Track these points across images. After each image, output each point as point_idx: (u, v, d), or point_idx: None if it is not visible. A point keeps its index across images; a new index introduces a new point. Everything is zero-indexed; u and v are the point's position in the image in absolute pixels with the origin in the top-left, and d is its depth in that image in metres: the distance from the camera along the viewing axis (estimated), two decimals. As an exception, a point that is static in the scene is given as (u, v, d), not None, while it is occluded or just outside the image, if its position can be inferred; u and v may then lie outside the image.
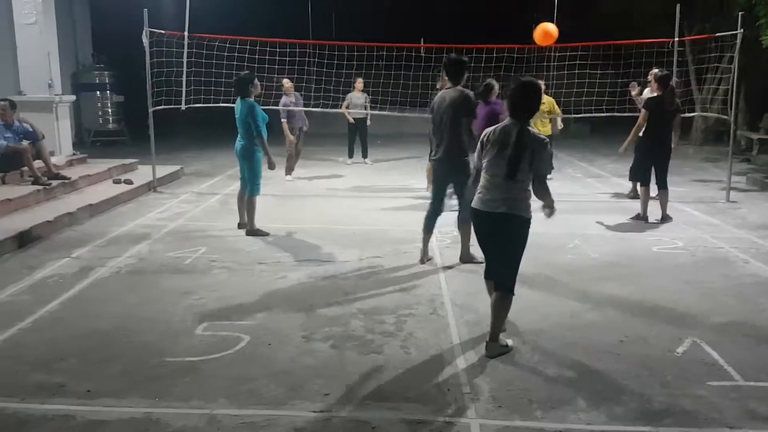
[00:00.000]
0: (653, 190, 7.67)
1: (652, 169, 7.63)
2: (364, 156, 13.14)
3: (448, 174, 5.82)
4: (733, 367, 3.75)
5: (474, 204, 4.05)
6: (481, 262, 4.79)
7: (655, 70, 8.35)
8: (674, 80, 7.81)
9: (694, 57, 14.90)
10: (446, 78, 5.95)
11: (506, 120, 3.99)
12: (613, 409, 3.29)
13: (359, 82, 12.53)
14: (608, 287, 5.27)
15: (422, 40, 12.66)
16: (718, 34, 9.83)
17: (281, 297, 4.99)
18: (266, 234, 6.98)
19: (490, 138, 3.98)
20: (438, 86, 7.20)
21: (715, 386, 3.54)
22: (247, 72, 7.36)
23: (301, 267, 5.80)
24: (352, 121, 12.63)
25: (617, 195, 9.63)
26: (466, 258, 5.93)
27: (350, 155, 13.12)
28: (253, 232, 7.00)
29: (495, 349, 3.96)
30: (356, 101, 12.53)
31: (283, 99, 10.61)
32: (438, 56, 11.34)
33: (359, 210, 8.51)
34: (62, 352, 3.98)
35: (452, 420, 3.20)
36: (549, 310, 4.74)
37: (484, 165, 4.01)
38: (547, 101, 9.94)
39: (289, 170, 10.83)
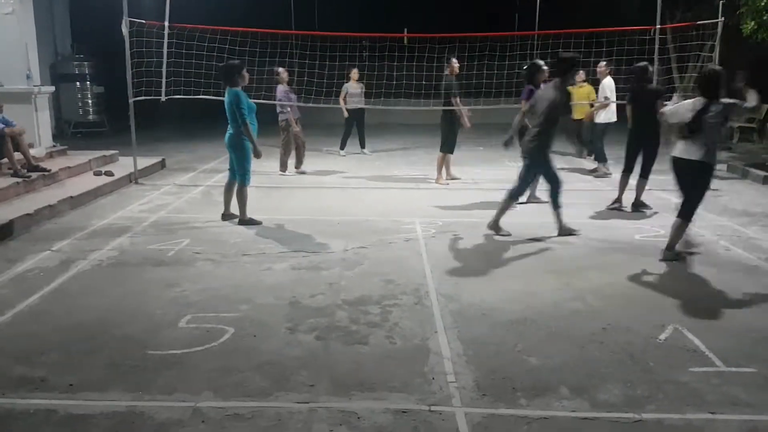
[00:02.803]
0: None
1: (638, 157, 7.67)
2: (362, 146, 13.06)
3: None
4: (715, 354, 3.80)
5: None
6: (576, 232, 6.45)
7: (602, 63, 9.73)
8: (650, 67, 7.82)
9: (675, 45, 14.99)
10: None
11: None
12: (596, 397, 3.32)
13: (354, 73, 12.40)
14: (590, 276, 5.30)
15: (405, 30, 12.62)
16: (699, 23, 9.89)
17: (266, 288, 4.97)
18: (259, 223, 6.96)
19: None
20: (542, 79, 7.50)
21: (697, 372, 3.58)
22: (235, 61, 7.27)
23: (286, 258, 5.78)
24: (346, 114, 12.54)
25: (599, 183, 9.69)
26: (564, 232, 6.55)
27: (342, 147, 12.95)
28: (245, 221, 6.97)
29: (668, 255, 5.61)
30: (353, 92, 12.42)
31: (281, 88, 10.22)
32: (421, 46, 11.34)
33: (345, 201, 8.50)
34: (44, 346, 3.94)
35: (437, 409, 3.21)
36: (532, 299, 4.76)
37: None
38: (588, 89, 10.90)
39: (283, 166, 10.56)
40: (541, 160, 6.47)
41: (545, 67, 7.70)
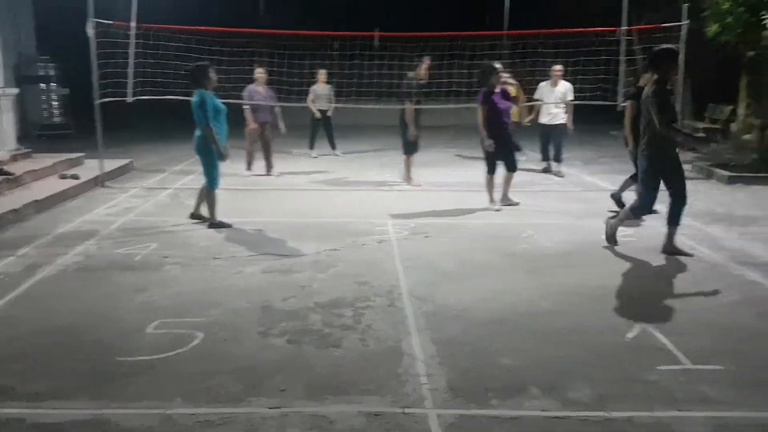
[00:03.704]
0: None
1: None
2: (333, 147, 13.05)
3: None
4: (682, 352, 3.86)
5: None
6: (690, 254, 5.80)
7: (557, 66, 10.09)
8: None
9: (641, 47, 15.25)
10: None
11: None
12: (566, 395, 3.35)
13: (322, 74, 12.43)
14: (562, 275, 5.36)
15: (377, 29, 12.62)
16: (664, 25, 10.08)
17: (236, 292, 4.92)
18: (229, 226, 6.89)
19: None
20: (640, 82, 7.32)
21: (665, 370, 3.64)
22: (203, 62, 7.20)
23: (258, 261, 5.73)
24: (318, 115, 12.52)
25: (570, 184, 9.82)
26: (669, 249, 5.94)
27: (311, 146, 12.95)
28: (214, 224, 6.89)
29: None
30: (321, 93, 12.44)
31: (250, 86, 10.28)
32: (392, 45, 11.35)
33: (317, 203, 8.47)
34: (9, 354, 3.84)
35: (410, 411, 3.21)
36: (505, 299, 4.79)
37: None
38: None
39: (249, 165, 10.58)
40: (646, 170, 5.78)
41: (500, 68, 7.73)
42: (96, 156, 9.65)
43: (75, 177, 9.22)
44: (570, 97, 10.44)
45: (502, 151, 7.78)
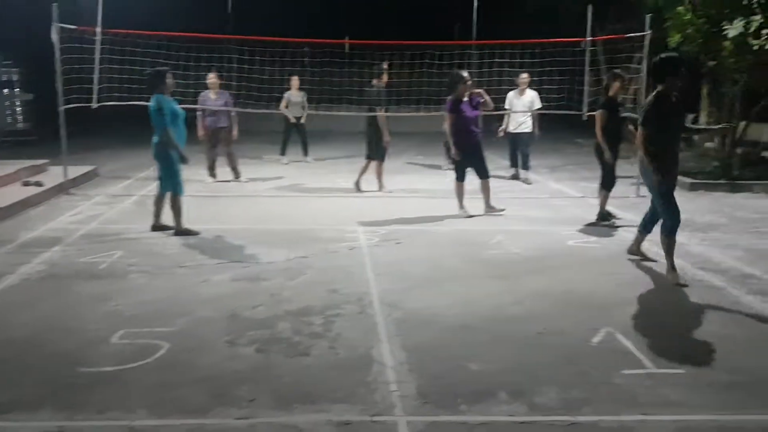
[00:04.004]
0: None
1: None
2: (305, 154, 13.03)
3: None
4: (646, 356, 3.93)
5: None
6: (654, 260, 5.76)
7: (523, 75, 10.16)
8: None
9: (606, 57, 15.55)
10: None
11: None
12: (533, 400, 3.38)
13: (295, 80, 12.43)
14: (529, 281, 5.42)
15: (347, 37, 12.66)
16: (628, 35, 10.29)
17: (203, 301, 4.86)
18: (196, 233, 6.81)
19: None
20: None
21: (630, 374, 3.69)
22: (161, 67, 7.14)
23: (225, 269, 5.67)
24: (293, 120, 12.49)
25: (537, 191, 9.95)
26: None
27: (283, 153, 12.92)
28: (181, 232, 6.81)
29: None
30: (294, 100, 12.46)
31: (203, 92, 10.26)
32: (361, 53, 11.40)
33: (287, 210, 8.43)
34: (-34, 367, 3.74)
35: (379, 419, 3.20)
36: (475, 304, 4.83)
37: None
38: None
39: (210, 171, 10.46)
40: (651, 184, 5.47)
41: (468, 78, 7.80)
42: (60, 163, 9.46)
43: (38, 184, 9.03)
44: (537, 104, 10.59)
45: (471, 159, 7.84)
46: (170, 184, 6.78)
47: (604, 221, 7.46)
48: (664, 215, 5.49)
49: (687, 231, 7.22)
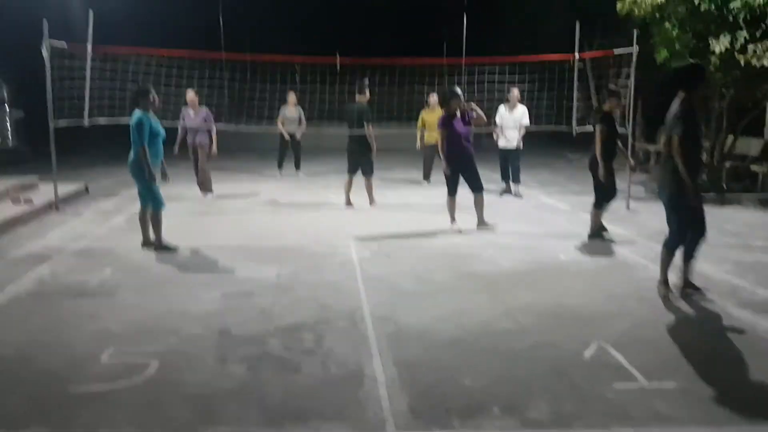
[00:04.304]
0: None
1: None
2: (297, 168, 13.12)
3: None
4: (637, 369, 3.93)
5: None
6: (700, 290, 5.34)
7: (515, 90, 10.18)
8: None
9: (593, 73, 15.71)
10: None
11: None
12: (525, 414, 3.38)
13: (292, 96, 12.50)
14: (519, 294, 5.42)
15: (337, 54, 12.73)
16: (615, 50, 10.39)
17: (193, 318, 4.83)
18: (175, 249, 6.79)
19: None
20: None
21: (621, 388, 3.69)
22: (143, 84, 7.16)
23: (215, 286, 5.64)
24: (287, 137, 12.56)
25: (528, 205, 9.98)
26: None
27: (280, 166, 13.09)
28: (161, 247, 6.80)
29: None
30: (289, 116, 12.55)
31: (182, 110, 10.29)
32: (353, 70, 11.46)
33: (278, 225, 8.42)
34: (-47, 387, 3.69)
35: (371, 435, 3.19)
36: (466, 318, 4.82)
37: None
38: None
39: (200, 186, 10.47)
40: (676, 199, 5.24)
41: (459, 93, 7.85)
42: (50, 180, 9.42)
43: (28, 201, 8.98)
44: (525, 119, 10.65)
45: (463, 174, 7.87)
46: (149, 199, 6.77)
47: (598, 237, 7.44)
48: (676, 228, 5.34)
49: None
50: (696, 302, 5.23)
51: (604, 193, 7.39)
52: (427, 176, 12.14)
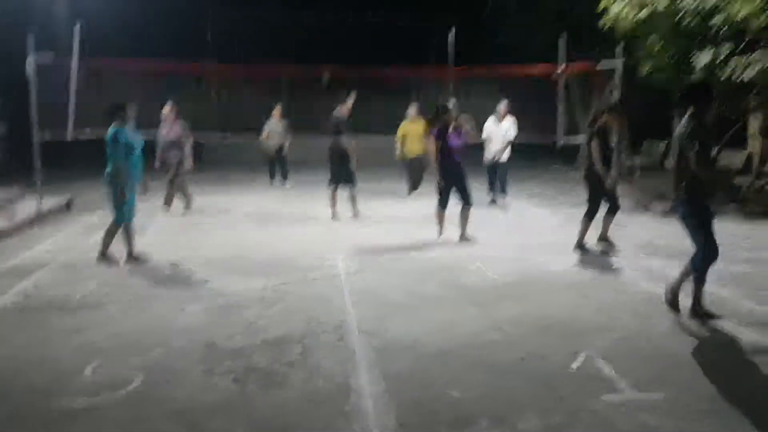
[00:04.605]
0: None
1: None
2: (284, 178, 13.26)
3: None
4: (625, 380, 3.92)
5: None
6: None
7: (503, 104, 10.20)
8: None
9: (579, 86, 15.85)
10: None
11: None
12: (515, 426, 3.36)
13: (277, 110, 12.58)
14: (508, 306, 5.42)
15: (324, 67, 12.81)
16: (599, 64, 10.50)
17: (179, 331, 4.78)
18: (116, 262, 6.77)
19: None
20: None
21: (609, 399, 3.68)
22: (122, 100, 7.14)
23: (202, 298, 5.60)
24: (271, 152, 12.61)
25: (515, 217, 10.02)
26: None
27: (272, 177, 13.27)
28: (102, 256, 6.80)
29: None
30: (275, 129, 12.68)
31: (160, 124, 10.12)
32: (343, 82, 11.52)
33: (265, 237, 8.38)
34: (-68, 403, 3.62)
35: (358, 449, 3.16)
36: (454, 331, 4.81)
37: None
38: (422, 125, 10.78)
39: (167, 201, 10.23)
40: (692, 215, 5.02)
41: (453, 108, 7.92)
42: (35, 193, 9.33)
43: (12, 215, 8.88)
44: (513, 131, 10.71)
45: (455, 187, 7.89)
46: (119, 212, 6.77)
47: (592, 250, 7.43)
48: (702, 247, 5.04)
49: (664, 256, 7.30)
50: (684, 313, 5.24)
51: (598, 205, 7.40)
52: (413, 188, 12.09)
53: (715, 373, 4.10)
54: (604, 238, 7.60)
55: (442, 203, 7.98)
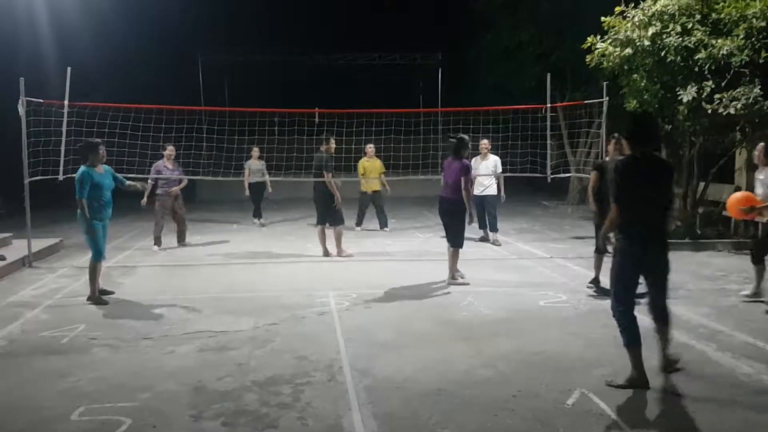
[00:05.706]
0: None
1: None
2: (254, 216, 13.54)
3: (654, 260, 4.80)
4: (620, 416, 3.89)
5: None
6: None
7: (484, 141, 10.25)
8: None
9: (566, 123, 16.08)
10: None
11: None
12: (509, 467, 3.31)
13: (255, 151, 12.89)
14: (500, 342, 5.38)
15: (317, 107, 12.94)
16: (586, 101, 10.67)
17: (168, 373, 4.71)
18: (106, 303, 6.75)
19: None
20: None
21: (604, 436, 3.64)
22: (94, 140, 7.21)
23: (191, 340, 5.53)
24: (247, 193, 12.89)
25: (506, 253, 10.02)
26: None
27: (259, 216, 13.50)
28: (93, 299, 6.80)
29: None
30: (254, 168, 13.00)
31: (158, 162, 10.39)
32: (330, 122, 11.63)
33: (255, 276, 8.32)
34: None
35: (350, 492, 3.09)
36: (445, 368, 4.76)
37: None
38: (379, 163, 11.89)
39: (156, 240, 10.39)
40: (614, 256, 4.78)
41: (468, 143, 7.86)
42: (24, 236, 9.27)
43: (1, 258, 8.80)
44: (499, 169, 10.81)
45: (444, 223, 7.81)
46: (94, 249, 6.82)
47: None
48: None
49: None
50: (677, 347, 5.21)
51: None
52: (359, 223, 12.52)
53: (709, 407, 4.07)
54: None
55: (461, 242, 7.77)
